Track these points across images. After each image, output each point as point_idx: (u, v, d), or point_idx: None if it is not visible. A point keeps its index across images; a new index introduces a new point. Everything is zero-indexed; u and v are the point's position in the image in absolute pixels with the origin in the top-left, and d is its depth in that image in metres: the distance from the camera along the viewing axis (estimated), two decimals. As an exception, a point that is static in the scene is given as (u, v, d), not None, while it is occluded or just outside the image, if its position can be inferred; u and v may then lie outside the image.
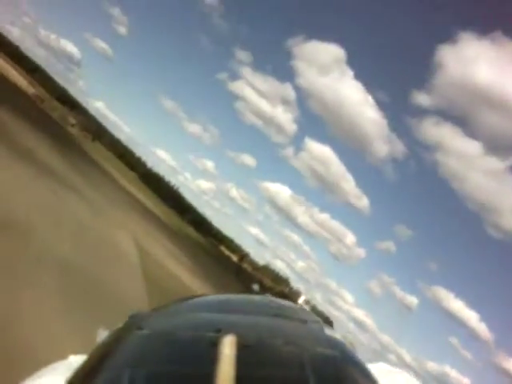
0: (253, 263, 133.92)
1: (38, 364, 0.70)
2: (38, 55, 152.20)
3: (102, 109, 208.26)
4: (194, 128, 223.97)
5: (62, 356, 0.67)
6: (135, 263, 14.00)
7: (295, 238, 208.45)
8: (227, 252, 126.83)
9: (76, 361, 0.67)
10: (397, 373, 0.81)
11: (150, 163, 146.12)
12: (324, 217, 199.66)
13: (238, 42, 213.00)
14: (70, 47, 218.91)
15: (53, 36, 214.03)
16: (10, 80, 55.10)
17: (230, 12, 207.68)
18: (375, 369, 0.68)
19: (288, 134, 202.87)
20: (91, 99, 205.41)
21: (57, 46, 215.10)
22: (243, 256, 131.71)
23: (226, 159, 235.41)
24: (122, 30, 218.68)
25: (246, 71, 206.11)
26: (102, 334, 0.63)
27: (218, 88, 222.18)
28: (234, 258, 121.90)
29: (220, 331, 0.56)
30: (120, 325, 0.65)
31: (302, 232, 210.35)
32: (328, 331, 0.66)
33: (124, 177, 72.02)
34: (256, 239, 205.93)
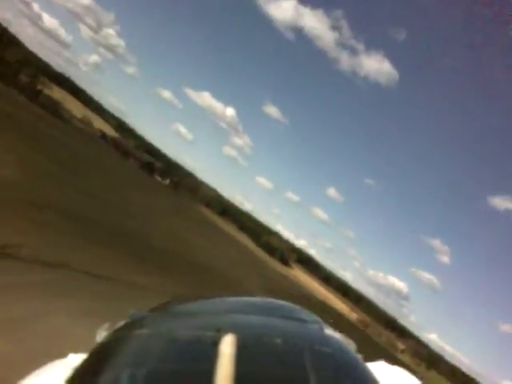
0: None
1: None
2: (366, 292, 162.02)
3: (435, 340, 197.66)
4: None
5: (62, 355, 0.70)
6: None
7: None
8: None
9: (75, 360, 0.66)
10: (396, 371, 0.83)
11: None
12: None
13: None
14: (397, 283, 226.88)
15: (380, 274, 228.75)
16: (335, 308, 55.77)
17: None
18: (375, 368, 0.69)
19: None
20: (424, 332, 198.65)
21: (384, 283, 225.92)
22: None
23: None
24: (445, 258, 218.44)
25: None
26: (102, 334, 0.69)
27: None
28: None
29: (219, 331, 0.55)
30: (120, 324, 0.65)
31: None
32: (328, 331, 0.66)
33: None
34: None
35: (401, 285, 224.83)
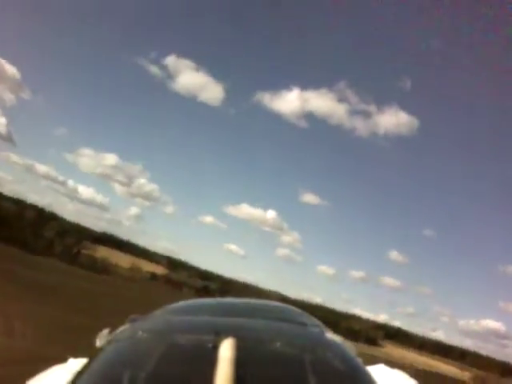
0: None
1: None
2: (465, 345, 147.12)
3: None
4: None
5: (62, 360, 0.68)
6: None
7: None
8: None
9: (76, 364, 0.67)
10: (396, 374, 0.82)
11: None
12: None
13: None
14: (492, 323, 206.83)
15: (472, 321, 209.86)
16: (443, 373, 50.18)
17: None
18: (375, 371, 0.65)
19: None
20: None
21: (479, 328, 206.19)
22: None
23: None
24: None
25: None
26: (102, 338, 0.67)
27: None
28: None
29: (219, 334, 0.55)
30: (120, 328, 0.65)
31: None
32: (328, 334, 0.67)
33: None
34: None
35: (496, 324, 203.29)
